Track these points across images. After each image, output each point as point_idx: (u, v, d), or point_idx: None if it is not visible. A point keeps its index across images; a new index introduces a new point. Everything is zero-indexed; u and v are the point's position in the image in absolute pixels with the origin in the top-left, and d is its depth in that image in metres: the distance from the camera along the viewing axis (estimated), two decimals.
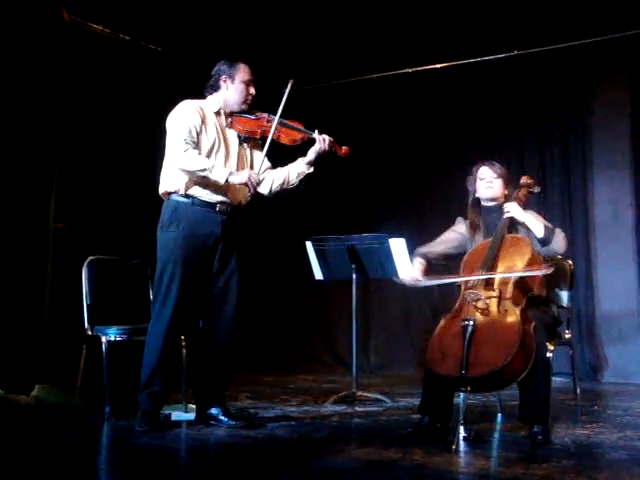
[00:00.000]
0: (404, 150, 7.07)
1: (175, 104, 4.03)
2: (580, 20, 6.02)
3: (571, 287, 4.39)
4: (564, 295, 4.41)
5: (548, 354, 3.62)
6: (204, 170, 3.85)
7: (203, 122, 3.97)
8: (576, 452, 3.41)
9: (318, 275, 5.31)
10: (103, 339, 4.38)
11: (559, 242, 3.86)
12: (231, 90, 4.06)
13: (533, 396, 3.54)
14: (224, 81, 4.05)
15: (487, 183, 4.06)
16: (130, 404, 4.03)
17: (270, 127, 3.98)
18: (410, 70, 6.77)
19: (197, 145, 3.92)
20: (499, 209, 4.03)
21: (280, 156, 4.24)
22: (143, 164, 5.82)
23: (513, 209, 3.96)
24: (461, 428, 3.48)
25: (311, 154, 4.12)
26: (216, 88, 4.07)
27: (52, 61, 5.21)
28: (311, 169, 4.18)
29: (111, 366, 4.36)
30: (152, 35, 6.09)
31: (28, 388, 4.90)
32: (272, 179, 4.19)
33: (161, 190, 4.04)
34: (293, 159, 4.20)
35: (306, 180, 4.22)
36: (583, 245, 6.30)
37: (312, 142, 4.11)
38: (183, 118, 3.93)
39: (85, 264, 4.63)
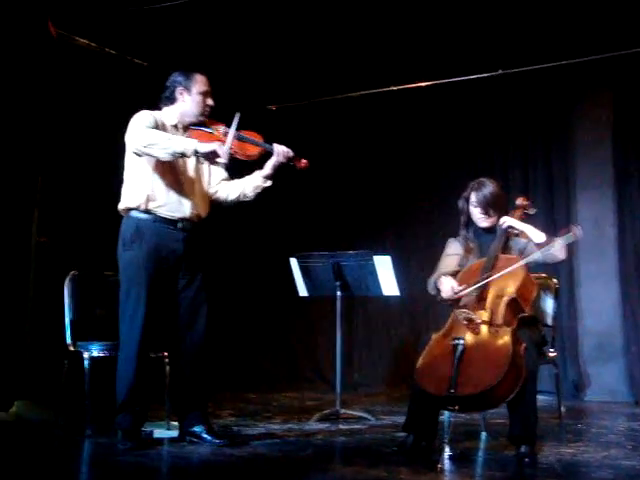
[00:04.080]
0: (389, 168, 7.09)
1: None
2: (564, 40, 6.07)
3: (557, 298, 4.41)
4: (549, 313, 4.42)
5: None
6: (169, 140, 3.75)
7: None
8: (562, 471, 3.40)
9: (302, 292, 5.28)
10: (85, 355, 4.33)
11: (560, 247, 3.85)
12: (188, 102, 3.99)
13: (522, 416, 3.53)
14: (180, 93, 3.98)
15: (480, 215, 4.02)
16: (112, 421, 3.98)
17: (226, 140, 3.83)
18: (395, 88, 6.80)
19: None
20: (493, 233, 4.01)
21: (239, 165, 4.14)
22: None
23: (509, 220, 3.95)
24: (446, 447, 3.46)
25: (268, 167, 4.06)
26: (172, 100, 4.01)
27: (37, 74, 5.19)
28: (268, 182, 4.12)
29: (93, 382, 4.30)
30: (138, 49, 6.07)
31: (7, 404, 4.83)
32: (227, 192, 4.17)
33: (121, 206, 3.98)
34: (252, 169, 4.14)
35: (263, 193, 4.16)
36: (566, 263, 6.31)
37: (270, 155, 4.03)
38: (141, 119, 3.88)
39: (67, 279, 4.58)
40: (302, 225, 7.17)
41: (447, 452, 3.45)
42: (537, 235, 3.90)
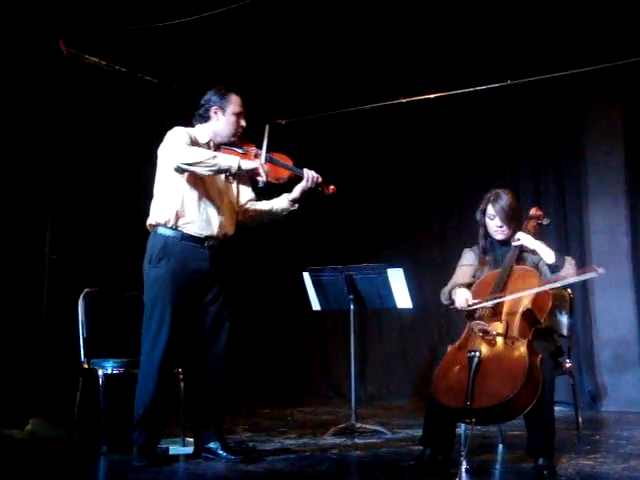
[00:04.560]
0: (400, 180, 7.08)
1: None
2: (573, 50, 6.07)
3: (571, 315, 4.38)
4: (564, 324, 4.39)
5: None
6: (214, 157, 3.77)
7: None
8: None
9: (316, 306, 5.27)
10: (100, 372, 4.33)
11: (569, 269, 3.84)
12: (221, 122, 4.00)
13: (540, 428, 3.50)
14: (215, 112, 3.99)
15: (497, 227, 4.00)
16: (128, 438, 3.97)
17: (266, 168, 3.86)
18: (404, 100, 6.79)
19: None
20: (508, 245, 4.00)
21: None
22: (140, 195, 5.82)
23: (523, 237, 3.95)
24: (463, 460, 3.43)
25: (296, 192, 4.07)
26: (206, 119, 4.02)
27: (48, 92, 5.21)
28: (295, 206, 4.13)
29: (108, 399, 4.30)
30: (147, 66, 6.10)
31: (22, 422, 4.82)
32: (253, 213, 4.19)
33: (150, 221, 3.99)
34: (279, 191, 4.15)
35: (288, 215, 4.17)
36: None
37: (299, 179, 4.03)
38: (179, 135, 3.90)
39: (81, 297, 4.59)
40: (314, 239, 7.17)
41: (464, 465, 3.41)
42: (548, 255, 3.88)
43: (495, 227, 4.00)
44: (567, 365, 4.47)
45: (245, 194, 4.20)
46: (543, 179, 6.58)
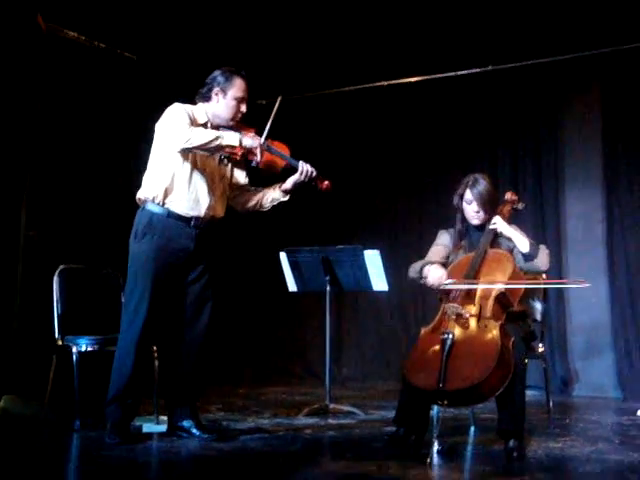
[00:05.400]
0: (379, 162, 7.08)
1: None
2: (554, 37, 6.09)
3: (545, 300, 4.42)
4: (538, 309, 4.43)
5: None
6: (217, 138, 3.74)
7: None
8: (550, 465, 3.42)
9: (292, 287, 5.27)
10: (74, 349, 4.32)
11: (543, 258, 3.87)
12: (221, 104, 3.95)
13: (510, 410, 3.54)
14: (216, 94, 3.94)
15: (474, 212, 4.02)
16: (101, 416, 3.97)
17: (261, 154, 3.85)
18: (385, 83, 6.80)
19: None
20: (484, 229, 4.01)
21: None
22: (117, 172, 5.79)
23: (499, 222, 3.96)
24: (435, 441, 3.47)
25: (289, 183, 4.06)
26: (207, 98, 3.97)
27: (26, 67, 5.15)
28: (286, 197, 4.12)
29: (81, 377, 4.28)
30: (127, 43, 6.05)
31: None
32: (245, 199, 4.17)
33: (139, 195, 3.96)
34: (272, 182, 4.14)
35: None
36: (555, 259, 6.33)
37: (294, 170, 4.01)
38: (180, 115, 3.85)
39: (56, 273, 4.57)
40: (293, 220, 7.15)
41: (436, 446, 3.46)
42: (523, 244, 3.90)
43: (472, 212, 4.02)
44: (540, 350, 4.54)
45: (239, 178, 4.18)
46: (521, 165, 6.61)
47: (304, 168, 3.97)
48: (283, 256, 5.20)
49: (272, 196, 4.13)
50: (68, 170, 5.62)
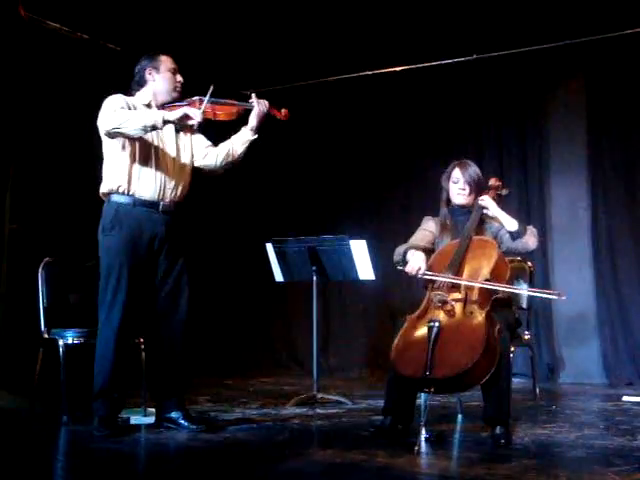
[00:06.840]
0: (365, 151, 7.08)
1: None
2: (538, 26, 6.09)
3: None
4: (524, 296, 4.44)
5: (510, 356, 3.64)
6: (136, 115, 3.78)
7: None
8: (537, 452, 3.43)
9: (278, 277, 5.27)
10: (60, 342, 4.30)
11: (531, 237, 3.88)
12: (158, 80, 4.02)
13: (496, 398, 3.56)
14: (149, 73, 4.01)
15: (459, 190, 4.02)
16: (89, 408, 3.95)
17: (200, 107, 3.89)
18: (370, 72, 6.79)
19: None
20: (469, 213, 4.01)
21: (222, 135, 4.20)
22: (100, 164, 5.74)
23: (487, 201, 3.96)
24: (423, 429, 3.48)
25: (252, 119, 4.12)
26: (142, 83, 4.03)
27: (6, 58, 5.11)
28: (255, 135, 4.15)
29: (68, 370, 4.27)
30: (110, 34, 6.00)
31: None
32: (216, 154, 4.17)
33: (102, 189, 3.96)
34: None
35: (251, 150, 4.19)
36: (540, 247, 6.36)
37: (250, 113, 4.11)
38: (112, 101, 3.88)
39: (41, 266, 4.53)
40: (278, 209, 7.16)
41: (423, 434, 3.46)
42: (510, 223, 3.91)
43: (458, 189, 4.02)
44: (526, 337, 4.55)
45: (200, 143, 4.18)
46: (506, 152, 6.63)
47: (257, 100, 4.10)
48: (269, 247, 5.19)
49: (241, 139, 4.15)
50: (51, 163, 5.58)
